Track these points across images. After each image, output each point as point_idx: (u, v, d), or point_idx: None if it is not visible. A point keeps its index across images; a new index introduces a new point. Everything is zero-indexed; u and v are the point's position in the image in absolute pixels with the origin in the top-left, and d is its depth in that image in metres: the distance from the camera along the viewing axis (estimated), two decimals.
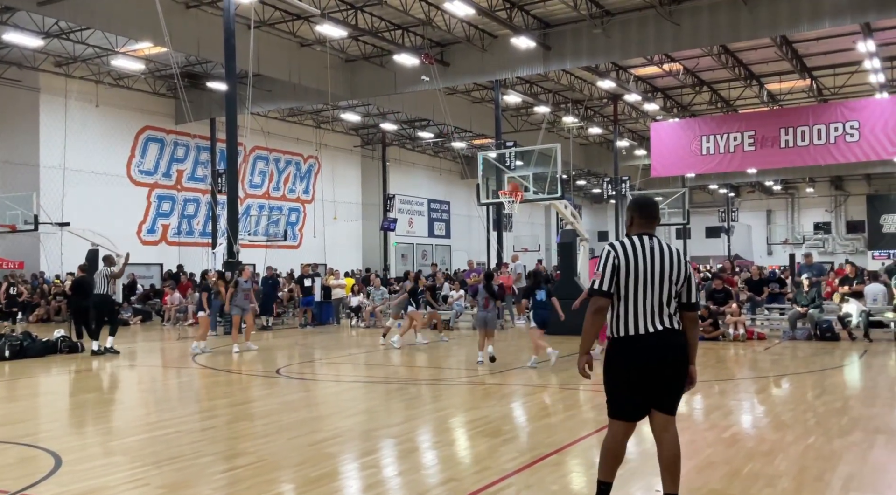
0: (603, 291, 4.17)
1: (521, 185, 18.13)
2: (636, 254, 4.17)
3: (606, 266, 4.19)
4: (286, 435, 7.19)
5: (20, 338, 14.00)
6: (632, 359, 4.17)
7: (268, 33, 23.32)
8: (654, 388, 4.19)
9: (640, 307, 4.15)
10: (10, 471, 5.87)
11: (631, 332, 4.16)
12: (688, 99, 34.03)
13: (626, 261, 4.16)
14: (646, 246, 4.21)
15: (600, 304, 4.19)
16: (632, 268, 4.15)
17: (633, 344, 4.16)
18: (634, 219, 4.37)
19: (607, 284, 4.17)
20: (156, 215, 30.35)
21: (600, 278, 4.17)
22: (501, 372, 11.56)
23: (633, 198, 4.54)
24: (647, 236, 4.27)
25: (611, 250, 4.22)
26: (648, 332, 4.14)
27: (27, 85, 26.16)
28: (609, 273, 4.17)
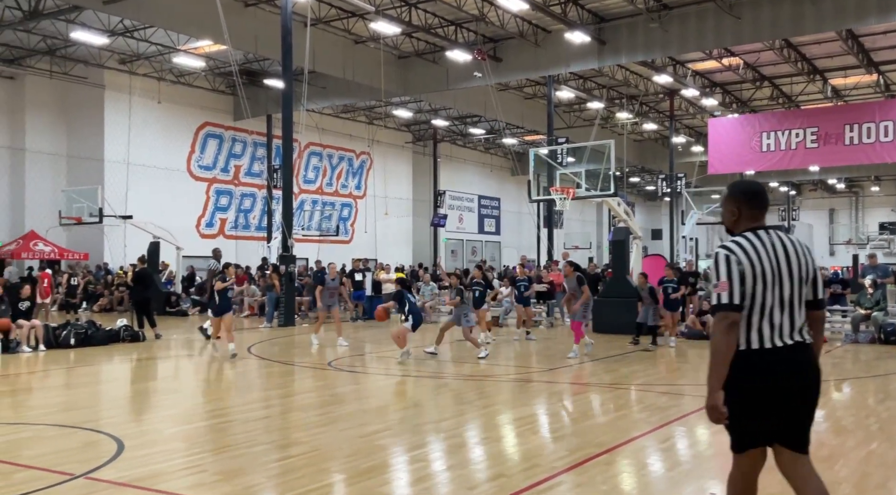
0: (735, 305, 3.39)
1: (572, 182, 17.98)
2: (759, 255, 3.45)
3: (732, 274, 3.43)
4: (337, 426, 7.31)
5: (85, 327, 14.55)
6: (761, 377, 3.41)
7: (323, 30, 23.64)
8: (782, 417, 3.44)
9: (770, 315, 3.44)
10: (75, 455, 6.11)
11: (765, 345, 3.42)
12: (748, 94, 33.16)
13: (750, 264, 3.44)
14: (766, 243, 3.49)
15: (733, 319, 3.39)
16: (758, 271, 3.43)
17: (763, 359, 3.41)
18: (742, 212, 3.58)
19: (738, 296, 3.40)
20: (214, 209, 31.12)
21: (728, 290, 3.41)
22: (551, 370, 11.50)
23: (733, 186, 3.69)
24: (764, 230, 3.54)
25: (729, 254, 3.46)
26: (784, 345, 3.43)
27: (93, 82, 27.12)
28: (737, 282, 3.41)
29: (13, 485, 5.20)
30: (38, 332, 13.55)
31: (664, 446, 6.57)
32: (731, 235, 3.61)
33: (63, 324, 14.39)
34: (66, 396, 9.34)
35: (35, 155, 26.77)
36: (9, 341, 13.09)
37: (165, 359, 12.96)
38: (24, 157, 26.56)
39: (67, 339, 13.84)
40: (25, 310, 13.67)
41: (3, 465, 5.71)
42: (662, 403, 8.78)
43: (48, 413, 8.05)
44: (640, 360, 12.51)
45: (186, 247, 25.53)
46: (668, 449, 6.49)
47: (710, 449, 6.66)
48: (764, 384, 3.39)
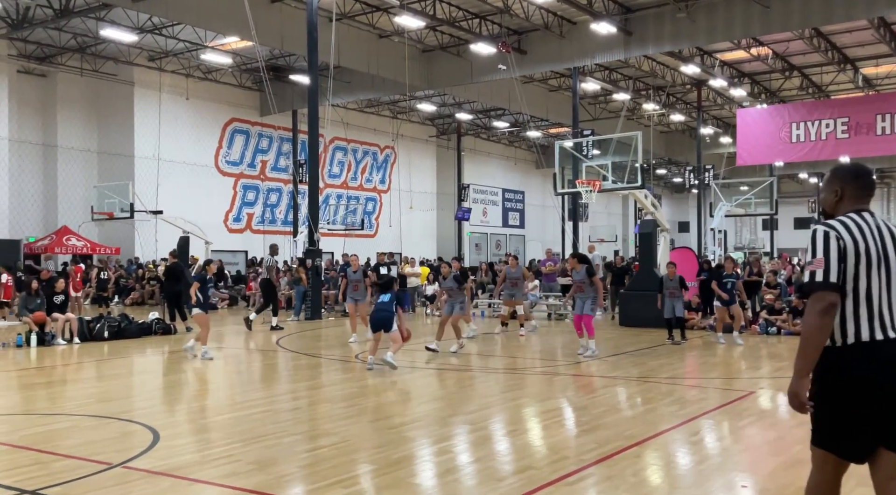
0: (831, 284, 3.07)
1: (598, 175, 17.87)
2: (863, 233, 3.13)
3: (829, 250, 3.10)
4: (366, 418, 7.38)
5: (118, 320, 14.83)
6: (861, 373, 3.07)
7: (348, 25, 23.72)
8: (886, 419, 3.06)
9: (873, 304, 3.11)
10: (112, 445, 6.26)
11: (862, 337, 3.09)
12: (777, 84, 32.65)
13: (853, 242, 3.11)
14: (871, 224, 3.18)
15: (830, 300, 3.07)
16: (862, 251, 3.11)
17: (864, 353, 3.08)
18: (846, 193, 3.29)
19: (835, 274, 3.08)
20: (241, 204, 31.45)
21: (825, 267, 3.09)
22: (577, 363, 11.48)
23: (840, 167, 3.40)
24: (869, 213, 3.24)
25: (829, 230, 3.14)
26: (889, 338, 3.08)
27: (123, 79, 27.52)
28: (836, 261, 3.09)
29: (53, 474, 5.35)
30: (73, 325, 13.84)
31: (694, 439, 6.54)
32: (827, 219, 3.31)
33: (97, 318, 14.68)
34: (102, 387, 9.54)
35: (67, 151, 27.25)
36: (44, 334, 13.39)
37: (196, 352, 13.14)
38: (56, 154, 27.06)
39: (101, 332, 14.12)
40: (60, 304, 13.96)
41: (42, 455, 5.87)
42: (692, 397, 8.74)
43: (84, 404, 8.23)
44: (668, 354, 12.44)
45: (215, 241, 25.85)
46: (698, 443, 6.46)
47: (740, 442, 6.62)
48: (864, 380, 3.05)
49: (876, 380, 3.05)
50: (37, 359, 12.06)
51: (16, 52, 25.68)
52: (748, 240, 51.21)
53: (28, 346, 13.04)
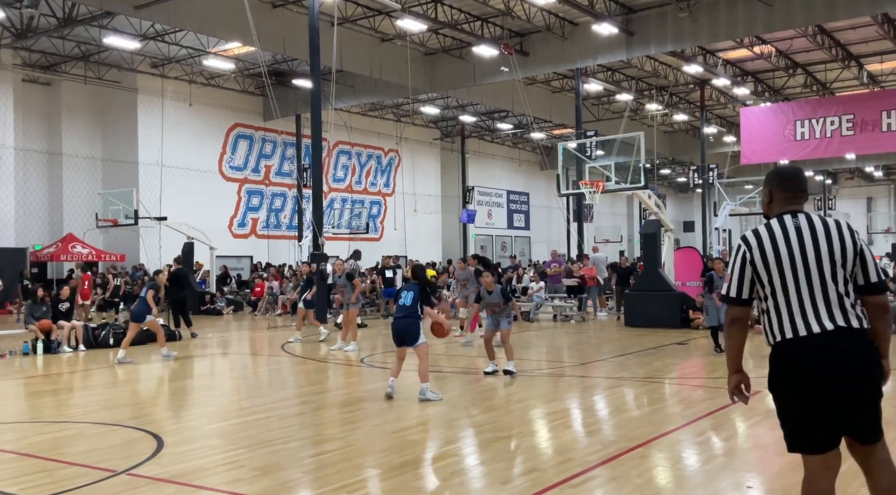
0: (732, 298, 3.38)
1: (602, 176, 17.85)
2: (775, 240, 3.29)
3: (735, 266, 3.37)
4: (371, 422, 7.37)
5: (123, 327, 14.83)
6: (798, 368, 3.22)
7: (350, 30, 23.76)
8: (836, 409, 3.18)
9: (797, 301, 3.23)
10: (116, 452, 6.26)
11: (790, 334, 3.23)
12: (780, 82, 32.57)
13: (760, 252, 3.30)
14: (789, 226, 3.32)
15: (735, 314, 3.39)
16: (771, 257, 3.27)
17: (796, 348, 3.22)
18: (774, 195, 3.47)
19: (736, 289, 3.36)
20: (246, 209, 31.52)
21: (729, 282, 3.38)
22: (583, 364, 11.45)
23: (772, 171, 3.59)
24: (791, 214, 3.37)
25: (740, 244, 3.39)
26: (813, 333, 3.19)
27: (126, 86, 27.63)
28: (738, 274, 3.35)
29: (58, 482, 5.35)
30: (78, 333, 13.88)
31: (699, 440, 6.51)
32: None
33: (102, 325, 14.71)
34: (107, 395, 9.55)
35: (71, 159, 27.36)
36: (50, 342, 13.43)
37: (202, 358, 13.18)
38: (61, 162, 27.17)
39: (106, 339, 14.15)
40: (65, 312, 13.99)
41: (48, 462, 5.87)
42: (697, 397, 8.70)
43: (90, 411, 8.25)
44: (673, 354, 12.40)
45: (219, 247, 25.91)
46: (704, 443, 6.43)
47: (746, 442, 6.59)
48: (802, 375, 3.18)
49: (808, 372, 3.18)
50: (43, 366, 12.09)
51: (20, 62, 25.81)
52: None
53: (34, 354, 13.08)
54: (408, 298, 8.28)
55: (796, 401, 3.23)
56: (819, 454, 3.24)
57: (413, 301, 8.24)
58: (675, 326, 15.99)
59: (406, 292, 8.37)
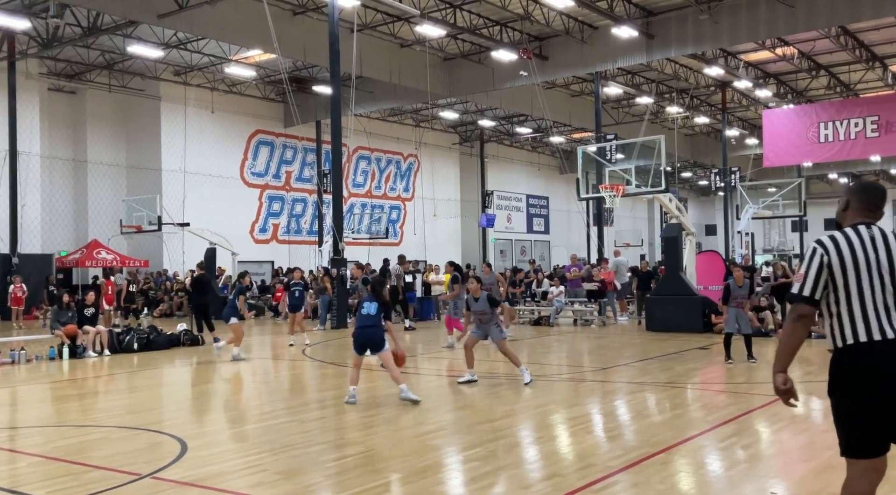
0: (804, 297, 3.44)
1: (622, 179, 17.77)
2: (853, 246, 3.43)
3: (812, 267, 3.45)
4: (391, 426, 7.39)
5: (147, 332, 15.03)
6: (865, 372, 3.32)
7: (369, 36, 23.90)
8: (890, 415, 3.29)
9: (868, 307, 3.37)
10: (141, 456, 6.34)
11: (863, 338, 3.35)
12: (803, 84, 32.22)
13: (839, 257, 3.42)
14: (864, 235, 3.46)
15: (803, 312, 3.45)
16: (849, 262, 3.41)
17: (865, 352, 3.34)
18: (851, 205, 3.59)
19: (811, 289, 3.44)
20: (267, 215, 31.77)
21: (802, 281, 3.46)
22: (604, 369, 11.39)
23: (855, 182, 3.81)
24: (865, 225, 3.51)
25: (817, 247, 3.49)
26: (886, 338, 3.31)
27: (149, 94, 28.00)
28: (815, 275, 3.43)
29: (84, 485, 5.43)
30: (103, 338, 14.06)
31: (722, 445, 6.45)
32: None
33: (126, 330, 14.89)
34: (131, 399, 9.67)
35: (96, 166, 27.76)
36: (76, 346, 13.62)
37: (224, 363, 13.29)
38: (86, 169, 27.59)
39: (131, 344, 14.32)
40: (91, 317, 14.19)
41: (74, 466, 5.96)
42: (720, 402, 8.63)
43: (115, 415, 8.35)
44: (695, 359, 12.30)
45: (241, 252, 26.14)
46: (727, 449, 6.37)
47: (770, 448, 6.52)
48: (867, 378, 3.29)
49: (874, 377, 3.29)
50: (68, 371, 12.26)
51: (46, 71, 26.27)
52: (777, 242, 50.50)
53: (60, 359, 13.27)
54: (371, 308, 8.67)
55: (859, 403, 3.31)
56: (871, 458, 3.34)
57: (377, 311, 8.64)
58: (698, 331, 15.85)
59: (368, 303, 8.74)
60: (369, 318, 8.63)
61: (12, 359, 12.81)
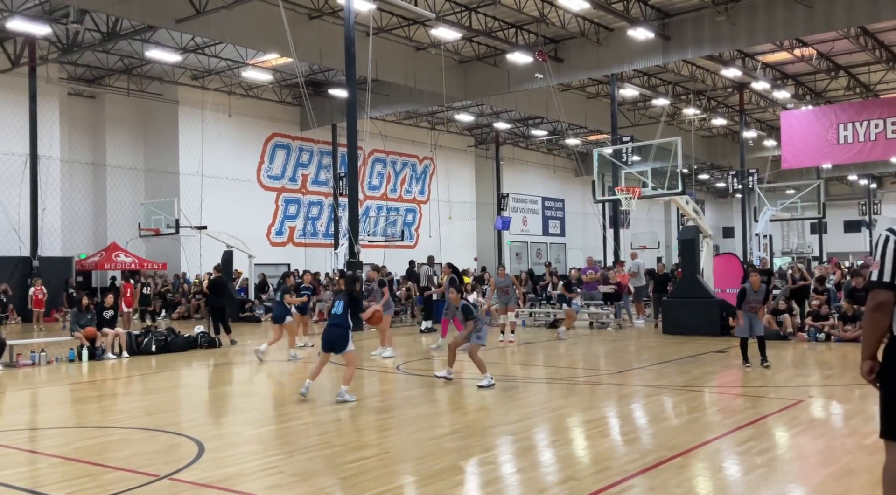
0: (884, 283, 3.49)
1: (638, 181, 17.69)
2: None
3: (886, 253, 3.52)
4: (407, 429, 7.40)
5: (165, 334, 15.16)
6: None
7: (385, 39, 23.98)
8: None
9: None
10: (159, 457, 6.39)
11: None
12: (822, 85, 31.92)
13: None
14: None
15: (881, 298, 3.49)
16: None
17: None
18: None
19: (890, 274, 3.48)
20: (283, 218, 31.94)
21: (880, 268, 3.51)
22: (620, 372, 11.34)
23: None
24: None
25: (890, 235, 3.57)
26: None
27: (167, 98, 28.26)
28: (892, 260, 3.49)
29: (103, 486, 5.49)
30: (122, 340, 14.20)
31: (740, 449, 6.40)
32: None
33: (144, 332, 15.03)
34: (149, 401, 9.76)
35: (115, 170, 28.06)
36: (95, 349, 13.76)
37: (241, 365, 13.38)
38: (105, 172, 27.89)
39: (149, 346, 14.44)
40: (109, 319, 14.33)
41: (93, 467, 6.02)
42: (738, 405, 8.56)
43: (133, 417, 8.43)
44: (713, 362, 12.21)
45: (258, 255, 26.30)
46: (745, 453, 6.31)
47: (789, 452, 6.46)
48: None
49: None
50: (88, 373, 12.39)
51: (66, 76, 26.60)
52: (796, 244, 50.04)
53: (79, 361, 13.41)
54: (339, 307, 8.77)
55: None
56: None
57: (343, 310, 8.73)
58: (715, 334, 15.74)
59: (338, 302, 8.85)
60: (335, 317, 8.79)
61: (33, 360, 12.96)
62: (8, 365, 12.75)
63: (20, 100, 23.87)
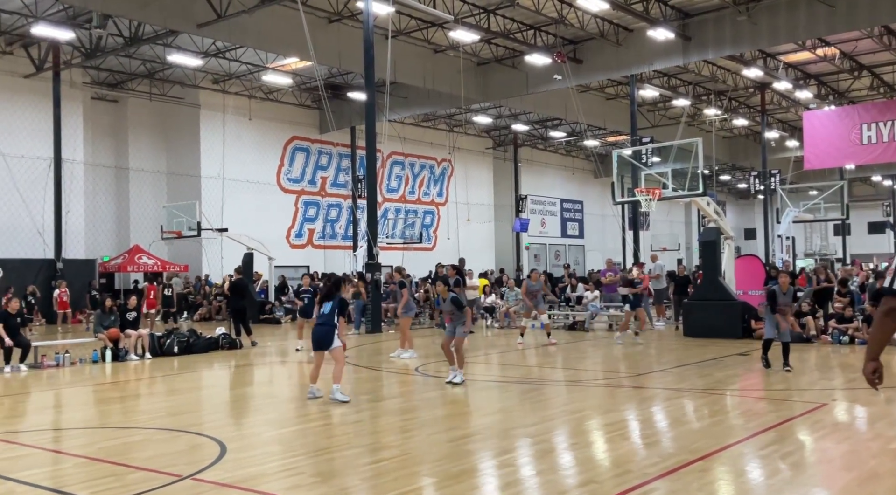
0: (894, 291, 3.52)
1: (658, 183, 17.58)
2: None
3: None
4: (426, 431, 7.41)
5: (187, 335, 15.31)
6: None
7: (403, 42, 24.05)
8: None
9: None
10: (181, 457, 6.46)
11: None
12: (845, 85, 31.54)
13: None
14: None
15: (892, 305, 3.52)
16: None
17: None
18: None
19: None
20: (303, 220, 32.12)
21: (894, 275, 3.55)
22: (640, 375, 11.27)
23: None
24: None
25: None
26: None
27: (189, 102, 28.55)
28: None
29: (127, 486, 5.55)
30: (145, 341, 14.35)
31: (763, 453, 6.34)
32: None
33: (167, 333, 15.18)
34: (172, 401, 9.86)
35: (138, 173, 28.39)
36: (118, 350, 13.92)
37: (261, 366, 13.47)
38: (127, 176, 28.23)
39: (171, 347, 14.59)
40: (132, 321, 14.49)
41: (117, 467, 6.10)
42: (760, 409, 8.48)
43: (156, 417, 8.52)
44: (734, 365, 12.09)
45: (278, 257, 26.47)
46: (768, 457, 6.25)
47: (812, 456, 6.39)
48: None
49: None
50: (111, 374, 12.54)
51: (89, 80, 26.96)
52: (818, 246, 49.43)
53: (103, 362, 13.58)
54: (327, 308, 9.16)
55: None
56: None
57: (331, 310, 9.11)
58: (737, 336, 15.59)
59: (327, 302, 9.21)
60: (322, 316, 9.14)
61: (57, 362, 13.14)
62: (32, 366, 12.94)
63: (44, 104, 24.24)
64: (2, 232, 23.82)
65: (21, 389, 10.93)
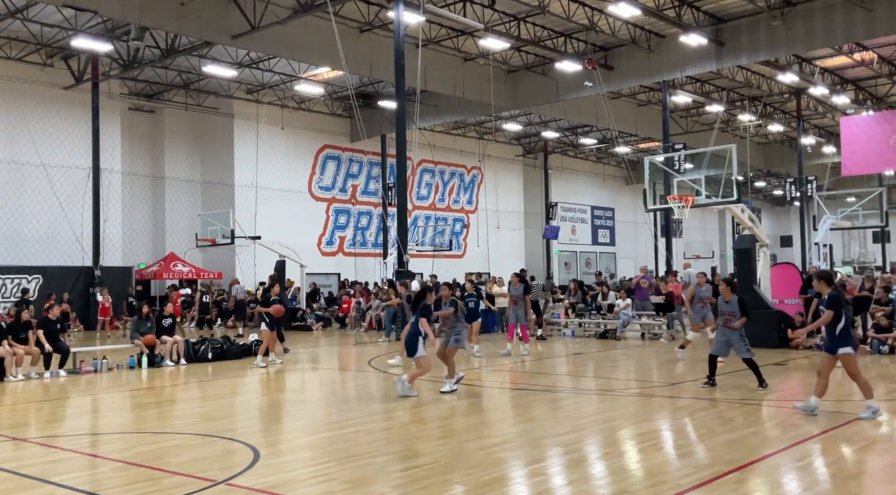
0: None
1: (691, 190, 17.37)
2: None
3: None
4: (457, 438, 7.41)
5: (221, 342, 15.50)
6: None
7: (434, 50, 24.17)
8: None
9: None
10: (215, 463, 6.54)
11: None
12: (883, 89, 30.90)
13: None
14: None
15: None
16: None
17: None
18: None
19: None
20: (334, 228, 32.38)
21: None
22: (673, 384, 11.13)
23: None
24: None
25: None
26: None
27: (223, 112, 29.01)
28: None
29: (163, 490, 5.64)
30: (180, 347, 14.57)
31: (800, 465, 6.21)
32: None
33: (201, 340, 15.40)
34: (206, 407, 9.99)
35: (173, 182, 28.90)
36: (154, 356, 14.16)
37: (293, 372, 13.58)
38: (164, 184, 28.75)
39: (205, 354, 14.79)
40: (168, 327, 14.73)
41: (153, 471, 6.20)
42: (797, 420, 8.30)
43: (191, 423, 8.64)
44: (771, 375, 11.87)
45: (309, 264, 26.70)
46: (805, 469, 6.13)
47: (851, 468, 6.24)
48: None
49: None
50: (147, 379, 12.76)
51: (127, 91, 27.56)
52: (857, 254, 48.32)
53: (139, 368, 13.82)
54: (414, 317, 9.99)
55: None
56: None
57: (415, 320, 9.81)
58: (773, 346, 15.32)
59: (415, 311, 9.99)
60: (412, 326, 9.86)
61: (95, 367, 13.41)
62: (71, 371, 13.22)
63: (83, 115, 24.82)
64: (42, 240, 24.40)
65: (60, 394, 11.17)
